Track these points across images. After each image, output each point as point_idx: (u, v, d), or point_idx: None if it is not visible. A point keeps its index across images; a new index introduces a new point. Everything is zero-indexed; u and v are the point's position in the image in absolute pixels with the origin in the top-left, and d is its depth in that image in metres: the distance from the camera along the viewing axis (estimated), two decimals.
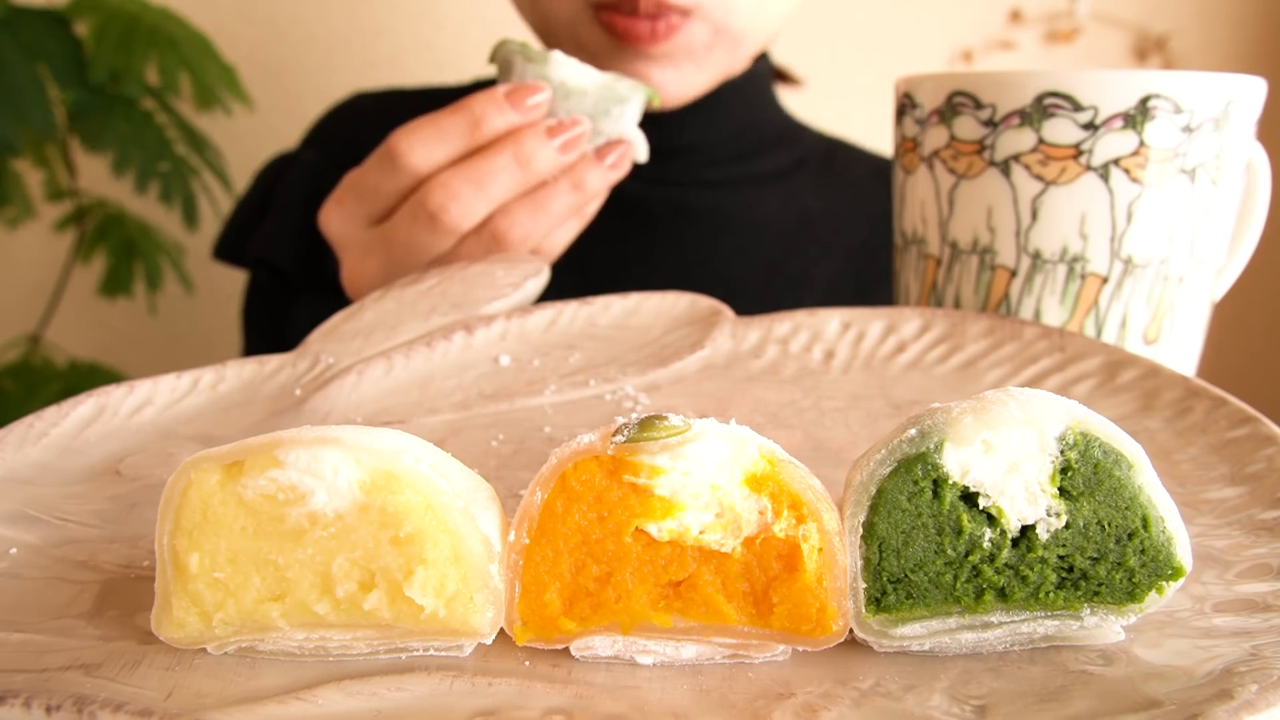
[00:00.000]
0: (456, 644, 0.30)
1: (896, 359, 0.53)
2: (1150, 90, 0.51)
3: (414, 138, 0.60)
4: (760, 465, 0.29)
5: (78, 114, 1.16)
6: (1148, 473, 0.30)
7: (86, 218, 1.31)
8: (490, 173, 0.60)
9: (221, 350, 1.45)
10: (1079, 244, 0.54)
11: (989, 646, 0.30)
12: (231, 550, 0.29)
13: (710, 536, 0.29)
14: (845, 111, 1.46)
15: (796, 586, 0.29)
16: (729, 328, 0.55)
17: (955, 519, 0.29)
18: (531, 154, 0.60)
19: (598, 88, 0.62)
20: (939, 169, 0.57)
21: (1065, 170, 0.53)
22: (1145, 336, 0.56)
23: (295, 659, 0.30)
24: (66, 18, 1.14)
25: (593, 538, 0.30)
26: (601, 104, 0.61)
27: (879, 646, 0.30)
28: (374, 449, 0.29)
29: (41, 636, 0.30)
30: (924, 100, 0.58)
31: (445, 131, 0.60)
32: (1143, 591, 0.30)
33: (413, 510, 0.29)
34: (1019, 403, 0.30)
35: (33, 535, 0.37)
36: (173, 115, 1.21)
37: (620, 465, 0.29)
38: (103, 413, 0.46)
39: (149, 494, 0.40)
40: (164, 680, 0.29)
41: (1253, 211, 0.59)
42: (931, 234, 0.59)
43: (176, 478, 0.29)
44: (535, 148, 0.60)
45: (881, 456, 0.30)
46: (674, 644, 0.30)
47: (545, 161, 0.60)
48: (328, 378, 0.50)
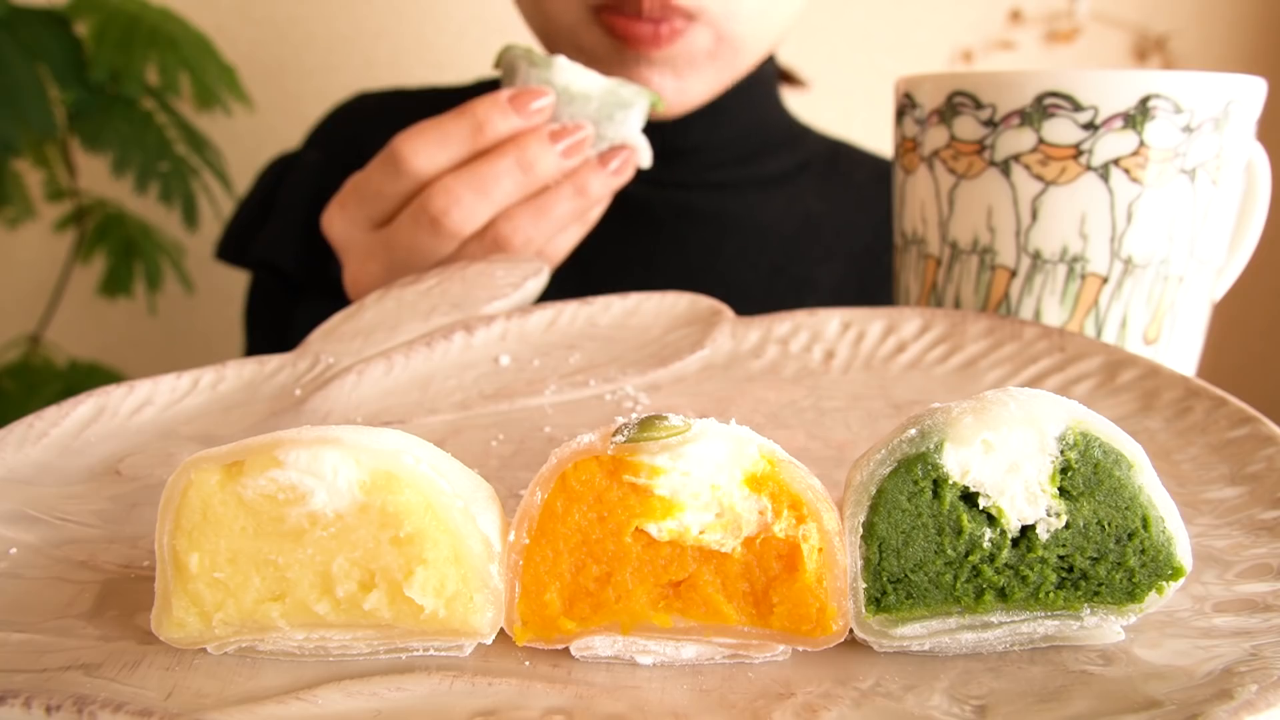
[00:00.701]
0: (456, 644, 0.30)
1: (896, 359, 0.53)
2: (1150, 90, 0.51)
3: (417, 141, 0.60)
4: (760, 465, 0.29)
5: (78, 114, 1.16)
6: (1148, 473, 0.30)
7: (86, 218, 1.31)
8: (493, 177, 0.60)
9: (221, 350, 1.45)
10: (1079, 244, 0.54)
11: (989, 646, 0.30)
12: (231, 550, 0.29)
13: (710, 536, 0.29)
14: (845, 112, 1.46)
15: (796, 586, 0.29)
16: (729, 328, 0.55)
17: (955, 519, 0.29)
18: (535, 159, 0.60)
19: (602, 92, 0.62)
20: (939, 169, 0.57)
21: (1065, 170, 0.53)
22: (1145, 336, 0.56)
23: (295, 659, 0.30)
24: (66, 18, 1.14)
25: (593, 538, 0.30)
26: (605, 109, 0.61)
27: (879, 646, 0.30)
28: (374, 449, 0.29)
29: (41, 636, 0.30)
30: (924, 100, 0.58)
31: (448, 135, 0.60)
32: (1143, 591, 0.30)
33: (413, 510, 0.29)
34: (1019, 403, 0.30)
35: (33, 535, 0.37)
36: (173, 115, 1.21)
37: (620, 465, 0.29)
38: (103, 413, 0.46)
39: (149, 494, 0.40)
40: (164, 680, 0.29)
41: (1253, 211, 0.59)
42: (931, 234, 0.59)
43: (176, 478, 0.29)
44: (539, 152, 0.60)
45: (881, 456, 0.30)
46: (674, 644, 0.30)
47: (548, 166, 0.60)
48: (328, 378, 0.50)
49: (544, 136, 0.60)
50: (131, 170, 1.15)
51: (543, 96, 0.60)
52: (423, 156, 0.60)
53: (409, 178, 0.61)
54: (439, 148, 0.60)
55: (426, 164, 0.60)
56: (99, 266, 1.30)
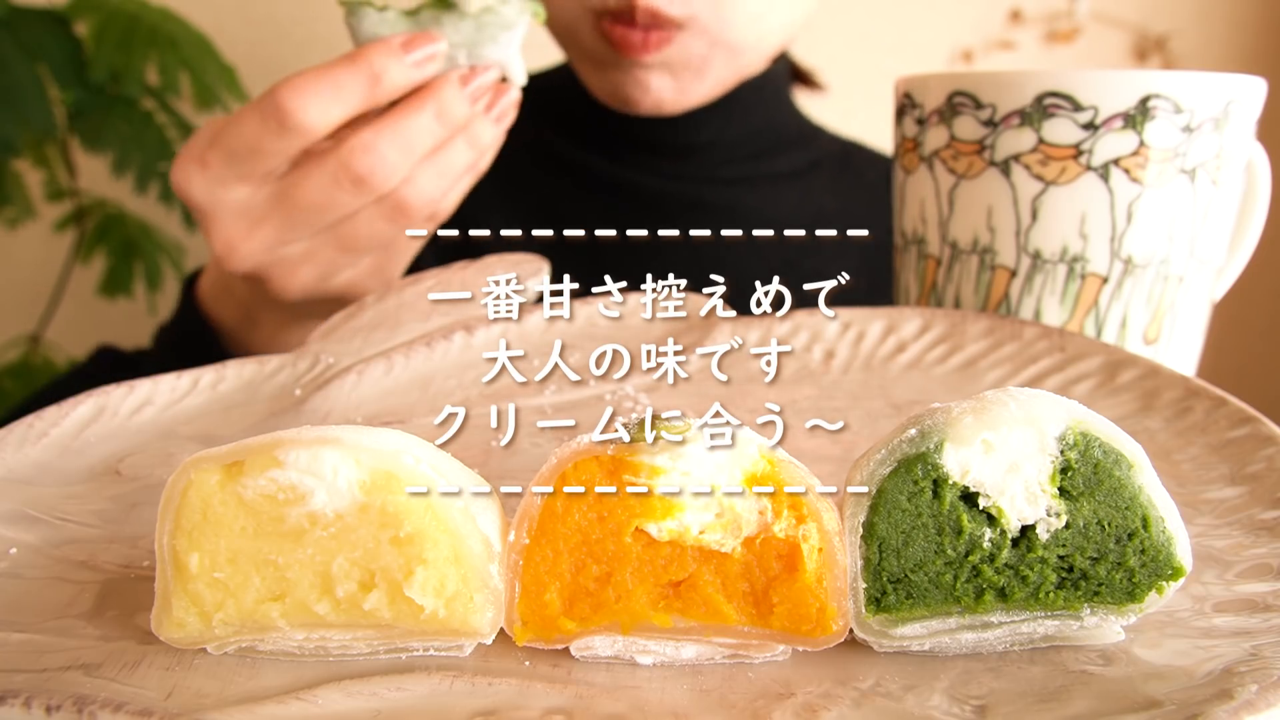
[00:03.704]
0: (456, 644, 0.30)
1: (896, 359, 0.53)
2: (1150, 90, 0.51)
3: (306, 93, 0.54)
4: (760, 465, 0.29)
5: (78, 114, 1.16)
6: (1148, 473, 0.30)
7: (86, 218, 1.31)
8: (416, 133, 0.56)
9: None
10: (1079, 244, 0.54)
11: (989, 646, 0.30)
12: (231, 550, 0.29)
13: (710, 536, 0.29)
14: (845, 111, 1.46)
15: (796, 586, 0.29)
16: (729, 327, 0.55)
17: (955, 519, 0.29)
18: (451, 110, 0.57)
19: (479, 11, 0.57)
20: (939, 169, 0.57)
21: (1065, 170, 0.53)
22: (1145, 336, 0.56)
23: (295, 659, 0.30)
24: (66, 18, 1.14)
25: (593, 538, 0.30)
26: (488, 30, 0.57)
27: (879, 646, 0.30)
28: (374, 449, 0.29)
29: (41, 636, 0.30)
30: (924, 100, 0.58)
31: (342, 88, 0.55)
32: (1143, 591, 0.30)
33: (413, 510, 0.29)
34: (1019, 403, 0.30)
35: (33, 535, 0.37)
36: (173, 115, 1.21)
37: (620, 465, 0.29)
38: (103, 413, 0.46)
39: (149, 494, 0.40)
40: (164, 680, 0.29)
41: (1253, 211, 0.59)
42: (931, 234, 0.59)
43: (176, 478, 0.29)
44: (453, 102, 0.57)
45: (881, 456, 0.30)
46: (674, 644, 0.30)
47: (461, 116, 0.57)
48: (328, 378, 0.50)
49: (456, 84, 0.57)
50: (131, 170, 1.15)
51: (435, 41, 0.57)
52: (314, 111, 0.55)
53: (300, 134, 0.55)
54: (333, 101, 0.55)
55: (320, 119, 0.55)
56: (99, 266, 1.30)
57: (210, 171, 0.57)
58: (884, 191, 0.93)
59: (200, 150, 0.57)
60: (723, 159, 0.88)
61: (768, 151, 0.90)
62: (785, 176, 0.91)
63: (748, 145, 0.89)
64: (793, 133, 0.93)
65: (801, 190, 0.91)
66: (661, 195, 0.86)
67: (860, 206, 0.92)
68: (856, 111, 1.48)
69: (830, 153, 0.96)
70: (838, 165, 0.95)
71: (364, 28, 0.58)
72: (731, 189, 0.89)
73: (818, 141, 0.96)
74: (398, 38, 0.57)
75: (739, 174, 0.89)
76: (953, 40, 1.52)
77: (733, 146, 0.88)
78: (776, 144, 0.91)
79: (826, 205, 0.91)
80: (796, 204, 0.90)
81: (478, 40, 0.57)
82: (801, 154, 0.93)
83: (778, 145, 0.91)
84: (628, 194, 0.65)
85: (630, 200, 0.69)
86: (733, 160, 0.89)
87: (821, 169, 0.93)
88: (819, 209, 0.91)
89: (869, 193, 0.94)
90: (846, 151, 0.97)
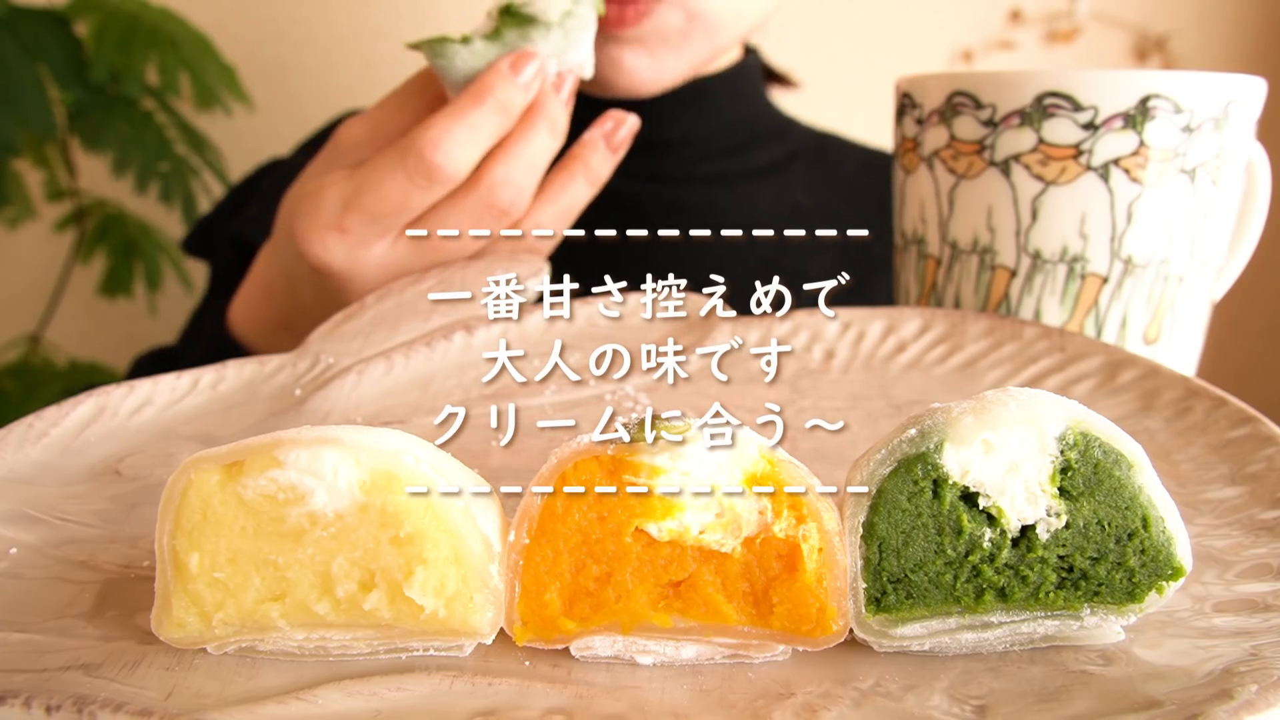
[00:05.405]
0: (456, 644, 0.30)
1: (896, 359, 0.53)
2: (1150, 90, 0.51)
3: (450, 143, 0.55)
4: (760, 465, 0.29)
5: (78, 114, 1.16)
6: (1148, 473, 0.30)
7: (86, 218, 1.31)
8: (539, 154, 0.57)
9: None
10: (1079, 244, 0.54)
11: (989, 646, 0.30)
12: (231, 550, 0.29)
13: (710, 536, 0.29)
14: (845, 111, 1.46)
15: (796, 586, 0.29)
16: (729, 327, 0.55)
17: (955, 519, 0.29)
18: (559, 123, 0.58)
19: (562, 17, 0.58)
20: (939, 169, 0.57)
21: (1065, 170, 0.53)
22: (1145, 336, 0.56)
23: (295, 659, 0.30)
24: (66, 18, 1.14)
25: (593, 538, 0.30)
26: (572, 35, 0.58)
27: (879, 646, 0.30)
28: (374, 449, 0.29)
29: (41, 636, 0.30)
30: (924, 100, 0.58)
31: (478, 128, 0.56)
32: (1143, 591, 0.30)
33: (413, 510, 0.29)
34: (1019, 403, 0.30)
35: (33, 535, 0.37)
36: (173, 115, 1.21)
37: (620, 465, 0.29)
38: (103, 413, 0.46)
39: (149, 494, 0.40)
40: (164, 680, 0.29)
41: (1253, 211, 0.59)
42: (931, 234, 0.59)
43: (176, 478, 0.29)
44: (559, 116, 0.58)
45: (881, 456, 0.30)
46: (674, 644, 0.30)
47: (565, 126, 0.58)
48: (328, 378, 0.50)
49: (563, 103, 0.59)
50: (131, 170, 1.15)
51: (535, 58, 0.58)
52: (460, 158, 0.55)
53: (450, 185, 0.56)
54: (472, 143, 0.56)
55: (466, 165, 0.56)
56: (99, 266, 1.30)
57: (350, 236, 0.57)
58: (862, 182, 0.93)
59: (335, 218, 0.57)
60: (697, 155, 0.88)
61: (743, 146, 0.90)
62: (761, 171, 0.91)
63: (722, 140, 0.88)
64: (767, 126, 0.93)
65: (779, 185, 0.91)
66: (639, 197, 0.85)
67: (838, 199, 0.92)
68: (856, 111, 1.48)
69: (806, 144, 0.95)
70: (814, 157, 0.95)
71: (457, 65, 0.58)
72: (708, 187, 0.88)
73: (792, 134, 0.95)
74: (503, 61, 0.57)
75: (715, 170, 0.89)
76: (952, 40, 1.52)
77: (707, 141, 0.88)
78: (751, 137, 0.91)
79: (803, 199, 0.91)
80: (774, 199, 0.90)
81: (564, 47, 0.58)
82: (777, 147, 0.93)
83: (753, 139, 0.91)
84: (604, 196, 0.65)
85: (607, 203, 0.69)
86: (708, 155, 0.88)
87: (798, 161, 0.93)
88: (796, 203, 0.91)
89: (846, 184, 0.93)
90: (822, 143, 0.97)
